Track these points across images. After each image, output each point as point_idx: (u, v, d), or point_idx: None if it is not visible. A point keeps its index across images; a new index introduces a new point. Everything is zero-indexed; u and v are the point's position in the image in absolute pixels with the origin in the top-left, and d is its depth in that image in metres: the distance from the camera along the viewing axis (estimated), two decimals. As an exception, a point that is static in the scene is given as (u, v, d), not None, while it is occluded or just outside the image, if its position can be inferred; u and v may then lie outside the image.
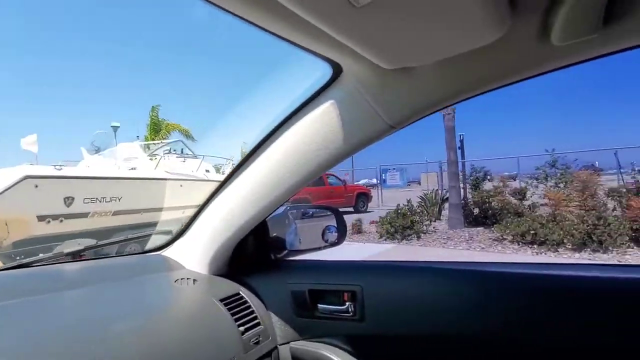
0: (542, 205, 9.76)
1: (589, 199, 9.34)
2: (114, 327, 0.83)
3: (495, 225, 7.83)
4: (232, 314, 1.05)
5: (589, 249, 6.23)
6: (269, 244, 1.30)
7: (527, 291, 0.93)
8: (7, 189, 5.60)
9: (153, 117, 15.91)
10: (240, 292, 1.15)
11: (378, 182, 17.82)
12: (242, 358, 0.99)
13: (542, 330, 0.89)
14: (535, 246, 6.71)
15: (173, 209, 7.47)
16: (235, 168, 1.09)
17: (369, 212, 14.55)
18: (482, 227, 8.68)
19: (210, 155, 10.16)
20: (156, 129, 15.60)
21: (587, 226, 6.31)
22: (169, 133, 15.81)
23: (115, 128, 12.53)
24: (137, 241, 1.65)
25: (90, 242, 1.31)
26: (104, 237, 1.66)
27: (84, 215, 6.56)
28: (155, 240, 1.47)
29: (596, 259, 5.94)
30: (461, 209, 8.91)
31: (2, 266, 1.10)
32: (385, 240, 8.39)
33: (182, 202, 7.27)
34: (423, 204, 10.63)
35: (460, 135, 9.71)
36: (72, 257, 1.31)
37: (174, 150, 10.36)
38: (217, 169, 11.03)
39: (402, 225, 8.31)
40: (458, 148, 9.56)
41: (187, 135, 16.02)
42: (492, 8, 0.52)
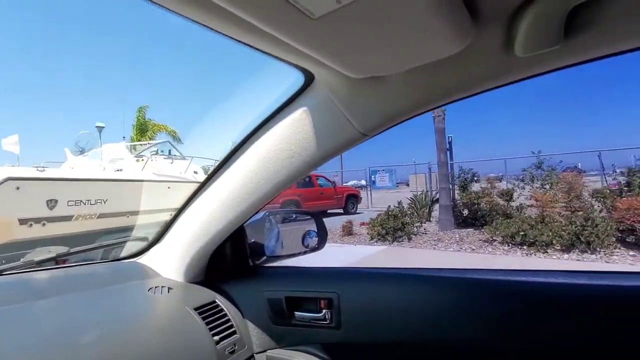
0: (529, 206, 9.91)
1: (574, 200, 9.54)
2: (82, 339, 0.82)
3: (485, 226, 7.90)
4: (207, 323, 1.03)
5: (577, 250, 6.32)
6: (248, 251, 1.29)
7: (506, 298, 0.93)
8: (-13, 191, 5.40)
9: (139, 118, 15.63)
10: (216, 300, 1.14)
11: (367, 183, 17.86)
12: None
13: (521, 337, 0.89)
14: (525, 247, 6.78)
15: (161, 211, 7.30)
16: (210, 174, 1.08)
17: (359, 213, 14.57)
18: (471, 229, 8.75)
19: (199, 156, 9.97)
20: (142, 130, 15.33)
21: (575, 227, 6.41)
22: (155, 134, 15.56)
23: (100, 129, 12.24)
24: (117, 247, 1.56)
25: (62, 249, 1.25)
26: (89, 241, 1.58)
27: (67, 218, 6.37)
28: (131, 247, 1.42)
29: (584, 260, 6.02)
30: (452, 211, 8.96)
31: None
32: (376, 242, 8.38)
33: (170, 205, 7.12)
34: (413, 205, 10.66)
35: (448, 137, 9.77)
36: (55, 263, 1.26)
37: (162, 152, 10.16)
38: (206, 171, 10.87)
39: (393, 227, 8.32)
40: (447, 149, 9.61)
41: (174, 137, 15.81)
42: (453, 20, 0.53)
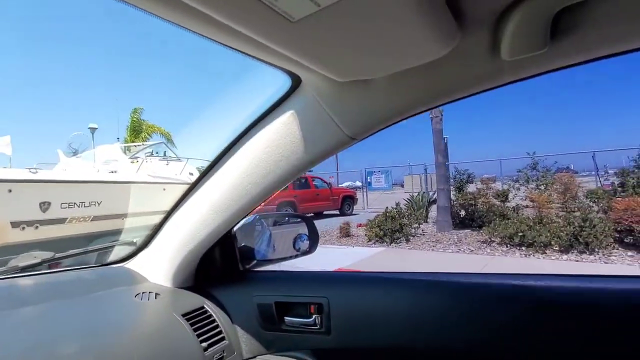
0: (525, 207, 9.96)
1: (570, 201, 9.61)
2: (64, 349, 0.80)
3: (483, 227, 7.90)
4: (195, 329, 1.01)
5: (575, 251, 6.33)
6: (237, 255, 1.27)
7: (499, 302, 0.92)
8: (-22, 194, 5.26)
9: (134, 119, 15.46)
10: (205, 306, 1.12)
11: (363, 184, 17.85)
12: None
13: (513, 342, 0.89)
14: (523, 248, 6.78)
15: (156, 213, 7.16)
16: (198, 178, 1.07)
17: (355, 214, 14.56)
18: (469, 230, 8.75)
19: (194, 157, 9.85)
20: (137, 131, 15.17)
21: (574, 228, 6.43)
22: (149, 135, 15.39)
23: (93, 130, 12.07)
24: (104, 251, 1.51)
25: (47, 254, 1.21)
26: (83, 244, 1.52)
27: (61, 221, 6.22)
28: (119, 251, 1.38)
29: (583, 260, 6.03)
30: (449, 212, 8.95)
31: None
32: (374, 243, 8.34)
33: (166, 207, 6.98)
34: (410, 206, 10.64)
35: (444, 138, 9.76)
36: (48, 267, 1.22)
37: (157, 153, 10.03)
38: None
39: (391, 228, 8.28)
40: (444, 150, 9.60)
41: (168, 139, 15.65)
42: (437, 24, 0.52)
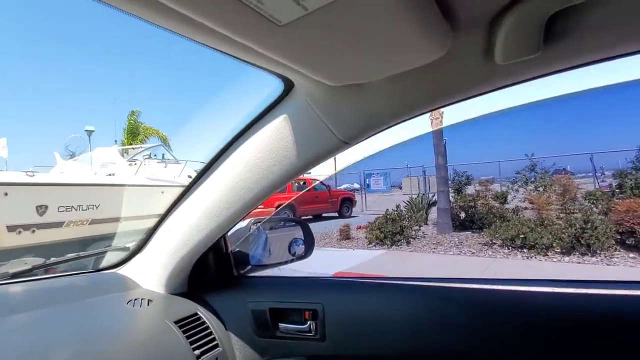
0: (525, 209, 9.94)
1: (569, 203, 9.61)
2: (57, 355, 0.80)
3: (484, 229, 7.87)
4: (188, 337, 1.00)
5: (577, 253, 6.32)
6: (232, 260, 1.27)
7: (497, 308, 0.92)
8: (-27, 197, 5.19)
9: (131, 122, 15.37)
10: (198, 312, 1.11)
11: (362, 186, 17.82)
12: None
13: (513, 348, 0.88)
14: (525, 250, 6.76)
15: (154, 217, 7.07)
16: (191, 182, 1.05)
17: (354, 216, 14.50)
18: (469, 232, 8.72)
19: (193, 160, 9.78)
20: (134, 134, 15.07)
21: (575, 230, 6.41)
22: (147, 137, 15.29)
23: (90, 132, 11.97)
24: (97, 257, 1.49)
25: (38, 261, 1.20)
26: (81, 248, 1.48)
27: (58, 224, 6.15)
28: (112, 257, 1.35)
29: (585, 262, 6.02)
30: (450, 214, 8.92)
31: None
32: (374, 246, 8.30)
33: (164, 210, 6.91)
34: (410, 208, 10.61)
35: (443, 140, 9.75)
36: (45, 272, 1.21)
37: (155, 155, 9.96)
38: (200, 175, 10.66)
39: (391, 230, 8.24)
40: (444, 152, 9.57)
41: (165, 142, 15.54)
42: (429, 28, 0.52)
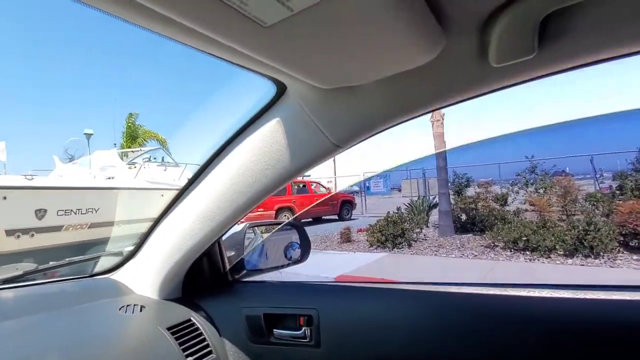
0: (525, 210, 9.92)
1: (570, 204, 9.59)
2: None
3: (485, 232, 7.84)
4: (181, 343, 0.99)
5: (580, 255, 6.28)
6: (226, 265, 1.26)
7: (496, 313, 0.91)
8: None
9: (129, 125, 15.31)
10: (192, 318, 1.10)
11: (362, 189, 17.77)
12: None
13: (507, 353, 0.86)
14: (527, 252, 6.72)
15: (154, 220, 7.04)
16: (185, 186, 1.05)
17: (354, 219, 14.46)
18: (471, 234, 8.68)
19: (193, 163, 9.73)
20: (133, 137, 15.02)
21: (578, 232, 6.38)
22: (146, 141, 15.25)
23: (89, 136, 11.94)
24: (90, 262, 1.45)
25: (30, 266, 1.19)
26: (80, 252, 1.46)
27: (57, 228, 6.11)
28: (105, 262, 1.34)
29: (589, 264, 5.98)
30: (451, 216, 8.89)
31: None
32: (376, 249, 8.25)
33: (158, 214, 6.85)
34: (411, 211, 10.57)
35: (444, 142, 9.73)
36: (44, 276, 1.20)
37: (154, 159, 9.91)
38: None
39: (392, 233, 8.20)
40: (445, 155, 9.56)
41: (164, 145, 15.49)
42: (420, 29, 0.51)
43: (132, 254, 1.21)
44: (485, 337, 0.89)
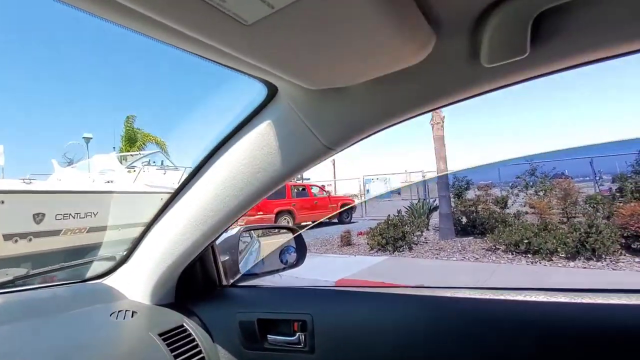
0: (526, 213, 9.90)
1: (571, 207, 9.58)
2: None
3: (487, 234, 7.82)
4: (172, 350, 0.97)
5: (582, 257, 6.26)
6: (220, 269, 1.24)
7: (492, 318, 0.90)
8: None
9: (128, 128, 15.27)
10: (185, 324, 1.08)
11: (361, 192, 17.75)
12: None
13: (503, 358, 0.86)
14: (529, 255, 6.70)
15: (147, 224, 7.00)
16: (176, 190, 1.04)
17: (353, 222, 14.42)
18: (472, 237, 8.65)
19: (192, 167, 9.70)
20: (131, 140, 14.97)
21: (580, 234, 6.36)
22: (144, 144, 15.20)
23: (88, 140, 11.91)
24: (83, 267, 1.44)
25: (20, 272, 1.18)
26: (78, 256, 1.44)
27: (55, 233, 6.07)
28: (98, 267, 1.33)
29: (591, 267, 5.96)
30: (452, 219, 8.86)
31: None
32: (376, 252, 8.21)
33: (151, 218, 6.81)
34: (411, 214, 10.54)
35: (444, 145, 9.72)
36: (44, 280, 1.19)
37: (154, 162, 9.88)
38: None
39: (393, 236, 8.17)
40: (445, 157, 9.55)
41: (163, 148, 15.46)
42: (409, 29, 0.50)
43: (124, 259, 1.20)
44: (481, 342, 0.88)
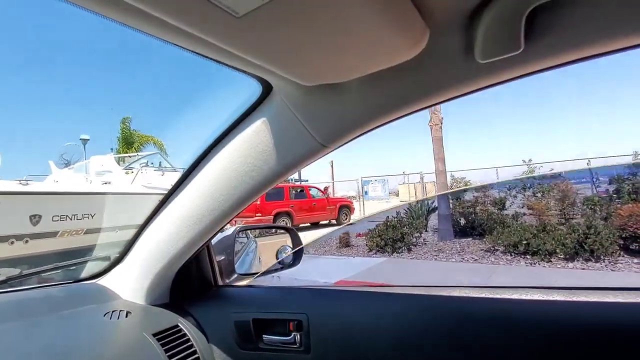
0: (524, 214, 9.92)
1: (569, 208, 9.61)
2: None
3: (485, 236, 7.82)
4: (167, 350, 0.97)
5: (581, 258, 6.27)
6: (216, 269, 1.24)
7: (490, 317, 0.90)
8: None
9: (124, 129, 15.20)
10: (179, 324, 1.08)
11: (359, 194, 17.74)
12: None
13: (495, 357, 0.86)
14: (528, 256, 6.70)
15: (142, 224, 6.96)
16: (171, 189, 1.03)
17: (352, 224, 14.41)
18: (470, 238, 8.65)
19: (185, 167, 9.66)
20: (128, 142, 14.90)
21: (578, 235, 6.37)
22: (142, 145, 15.14)
23: (85, 141, 11.85)
24: (77, 267, 1.42)
25: (13, 272, 1.17)
26: (74, 258, 1.44)
27: (52, 234, 6.05)
28: (92, 267, 1.33)
29: (590, 268, 5.97)
30: (450, 220, 8.87)
31: None
32: (375, 253, 8.20)
33: (146, 218, 6.78)
34: (410, 215, 10.54)
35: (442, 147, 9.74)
36: (38, 282, 1.17)
37: (152, 163, 9.83)
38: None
39: (392, 237, 8.16)
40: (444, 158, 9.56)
41: (161, 149, 15.40)
42: (403, 24, 0.50)
43: (119, 259, 1.19)
44: (477, 341, 0.88)
